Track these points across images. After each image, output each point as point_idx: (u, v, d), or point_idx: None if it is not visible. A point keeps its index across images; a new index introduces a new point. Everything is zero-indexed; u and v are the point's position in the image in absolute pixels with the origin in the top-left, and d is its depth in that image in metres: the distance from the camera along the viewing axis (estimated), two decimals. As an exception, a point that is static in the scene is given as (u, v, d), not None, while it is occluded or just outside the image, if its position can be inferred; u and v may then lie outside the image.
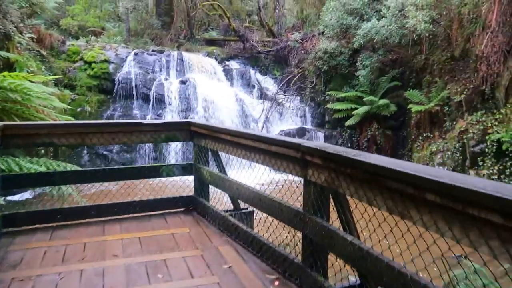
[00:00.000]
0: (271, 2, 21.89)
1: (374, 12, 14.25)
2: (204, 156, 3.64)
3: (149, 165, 3.85)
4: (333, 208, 2.09)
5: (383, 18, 12.94)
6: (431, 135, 12.05)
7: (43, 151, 10.29)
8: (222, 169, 3.46)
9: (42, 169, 5.05)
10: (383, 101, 13.36)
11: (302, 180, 2.32)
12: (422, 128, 12.63)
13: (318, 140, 14.53)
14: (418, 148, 12.40)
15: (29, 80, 6.10)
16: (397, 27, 12.42)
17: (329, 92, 14.76)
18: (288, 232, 2.63)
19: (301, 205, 2.33)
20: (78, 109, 13.28)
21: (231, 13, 19.58)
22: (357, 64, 13.82)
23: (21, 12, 12.43)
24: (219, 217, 3.26)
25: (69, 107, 8.63)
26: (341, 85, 14.98)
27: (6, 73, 5.70)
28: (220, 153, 3.48)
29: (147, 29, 19.03)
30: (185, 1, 18.98)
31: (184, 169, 3.87)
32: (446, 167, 10.86)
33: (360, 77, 13.80)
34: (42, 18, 15.24)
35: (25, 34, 9.19)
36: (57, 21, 19.96)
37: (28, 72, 9.18)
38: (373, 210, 1.73)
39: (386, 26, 12.57)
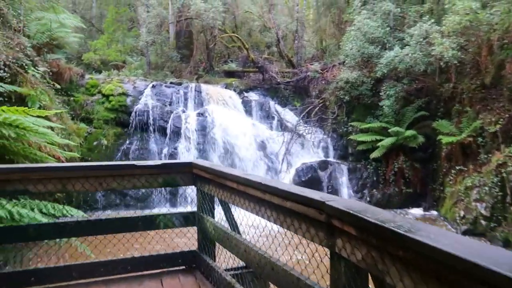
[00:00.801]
0: (290, 33, 21.78)
1: (397, 41, 13.77)
2: (209, 204, 3.06)
3: (143, 214, 3.23)
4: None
5: (407, 46, 12.43)
6: (465, 168, 11.15)
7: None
8: (231, 221, 2.83)
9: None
10: (410, 132, 12.61)
11: (329, 252, 1.68)
12: (453, 160, 11.76)
13: (341, 174, 13.79)
14: (450, 182, 11.49)
15: (30, 115, 5.77)
16: (422, 55, 11.85)
17: (352, 123, 14.14)
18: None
19: (328, 287, 1.69)
20: (95, 143, 13.07)
21: (250, 45, 19.50)
22: (380, 93, 13.22)
23: (40, 47, 12.53)
24: (225, 283, 2.63)
25: (71, 143, 8.20)
26: (364, 115, 14.35)
27: (5, 107, 5.39)
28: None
29: (167, 62, 19.09)
30: (204, 34, 19.03)
31: (186, 219, 3.28)
32: (484, 204, 9.91)
33: (384, 107, 13.16)
34: (62, 52, 15.42)
35: (39, 67, 9.06)
36: (80, 56, 20.33)
37: (40, 106, 9.00)
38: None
39: (410, 54, 12.03)
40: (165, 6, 18.76)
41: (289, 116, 16.63)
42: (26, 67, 8.77)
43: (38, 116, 5.97)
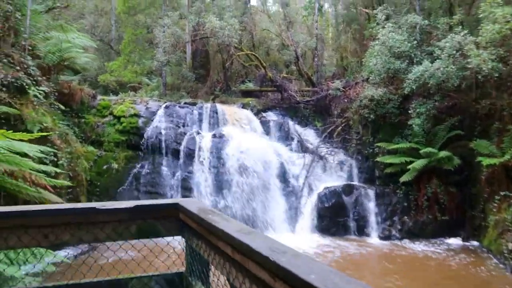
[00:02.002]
0: (309, 51, 21.05)
1: (425, 55, 12.78)
2: (200, 266, 2.15)
3: (110, 278, 2.32)
4: None
5: (437, 60, 11.42)
6: (511, 194, 9.87)
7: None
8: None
9: None
10: (444, 153, 11.46)
11: None
12: (496, 184, 10.51)
13: (368, 199, 12.64)
14: (494, 209, 10.21)
15: (10, 138, 5.06)
16: (456, 69, 10.81)
17: (378, 144, 13.06)
18: None
19: None
20: (104, 167, 12.42)
21: (268, 64, 18.80)
22: (409, 111, 12.15)
23: (51, 67, 12.11)
24: None
25: (55, 169, 7.43)
26: (391, 135, 13.26)
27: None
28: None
29: (183, 82, 18.58)
30: (220, 53, 18.47)
31: (170, 284, 2.37)
32: (537, 236, 8.61)
33: (414, 126, 12.07)
34: (71, 73, 15.05)
35: (41, 87, 8.49)
36: (95, 77, 20.10)
37: (41, 128, 8.37)
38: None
39: (442, 68, 11.01)
40: (182, 26, 18.40)
41: (310, 136, 15.67)
42: (27, 87, 8.19)
43: (21, 140, 5.29)
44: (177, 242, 2.34)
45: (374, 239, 12.15)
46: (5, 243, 2.01)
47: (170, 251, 2.53)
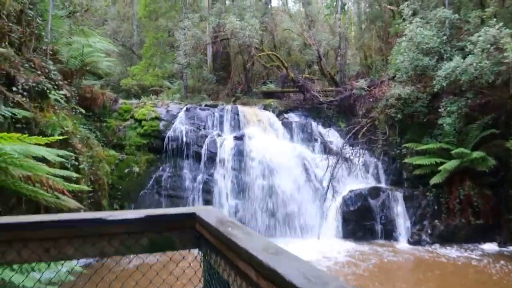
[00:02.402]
0: (332, 51, 20.60)
1: (455, 50, 12.17)
2: (219, 285, 1.86)
3: None
4: None
5: (470, 55, 10.83)
6: (553, 197, 9.20)
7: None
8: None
9: None
10: (477, 154, 10.85)
11: None
12: (536, 186, 9.81)
13: (395, 202, 12.12)
14: (534, 213, 9.53)
15: (27, 142, 4.93)
16: (491, 64, 10.19)
17: (406, 145, 12.52)
18: None
19: None
20: (126, 170, 12.36)
21: (290, 64, 18.48)
22: (439, 110, 11.57)
23: (73, 72, 12.16)
24: None
25: (74, 174, 7.30)
26: (420, 135, 12.69)
27: (-7, 134, 4.60)
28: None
29: (204, 85, 18.49)
30: (241, 55, 18.27)
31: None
32: None
33: (444, 125, 11.49)
34: (94, 78, 15.13)
35: (60, 91, 8.45)
36: (118, 82, 20.26)
37: (61, 133, 8.32)
38: None
39: (475, 64, 10.42)
40: (202, 29, 18.31)
41: (333, 138, 15.25)
42: (48, 91, 8.15)
43: (38, 144, 5.17)
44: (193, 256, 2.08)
45: (403, 244, 11.61)
46: (2, 258, 1.79)
47: (186, 265, 2.25)
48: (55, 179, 5.35)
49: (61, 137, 5.49)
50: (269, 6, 21.18)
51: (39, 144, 5.22)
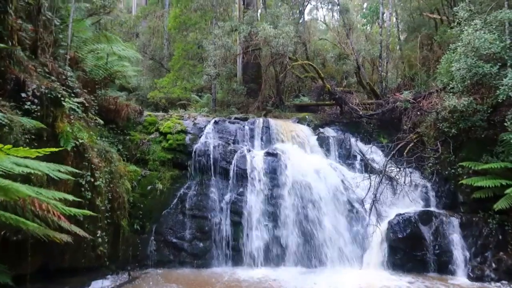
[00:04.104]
0: (369, 63, 19.31)
1: (521, 56, 10.64)
2: None
3: None
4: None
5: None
6: None
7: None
8: None
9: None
10: (554, 176, 9.18)
11: None
12: None
13: (451, 229, 10.52)
14: None
15: (12, 155, 3.95)
16: None
17: (463, 163, 10.94)
18: None
19: None
20: (148, 187, 11.40)
21: (325, 76, 17.29)
22: (505, 124, 9.99)
23: (97, 82, 11.45)
24: None
25: (69, 197, 6.23)
26: (478, 153, 11.11)
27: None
28: None
29: (233, 98, 17.56)
30: (273, 66, 17.24)
31: None
32: None
33: (511, 141, 9.89)
34: (115, 87, 14.46)
35: (75, 99, 7.60)
36: (145, 95, 19.69)
37: (76, 145, 7.42)
38: None
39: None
40: (233, 40, 17.50)
41: (375, 155, 13.78)
42: (62, 98, 7.30)
43: (25, 157, 4.20)
44: None
45: (461, 279, 9.97)
46: None
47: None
48: (54, 202, 4.35)
49: (55, 149, 4.49)
50: (303, 17, 20.22)
51: (27, 157, 4.22)
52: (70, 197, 5.08)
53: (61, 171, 4.97)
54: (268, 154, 12.04)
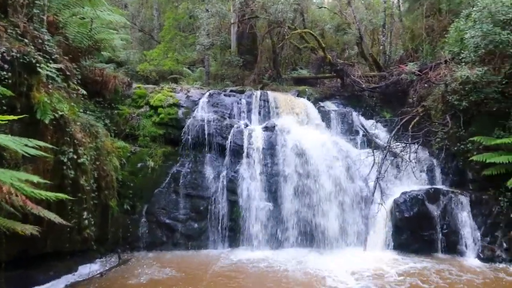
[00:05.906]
0: (370, 32, 18.38)
1: (539, 24, 9.85)
2: None
3: None
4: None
5: None
6: None
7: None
8: None
9: None
10: None
11: None
12: None
13: (460, 208, 9.98)
14: None
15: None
16: None
17: (473, 138, 10.29)
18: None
19: None
20: (139, 165, 10.64)
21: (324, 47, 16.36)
22: (522, 96, 9.32)
23: (80, 51, 10.45)
24: None
25: (34, 178, 5.45)
26: (489, 128, 10.43)
27: None
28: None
29: (227, 70, 16.60)
30: (270, 36, 16.23)
31: None
32: None
33: (527, 115, 9.25)
34: (103, 59, 13.40)
35: (52, 64, 6.71)
36: (135, 69, 18.58)
37: (54, 117, 6.58)
38: None
39: None
40: (227, 8, 16.39)
41: (378, 130, 13.14)
42: (37, 64, 6.41)
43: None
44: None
45: (471, 259, 9.50)
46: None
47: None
48: (20, 184, 3.58)
49: (15, 117, 3.66)
50: (300, -16, 19.05)
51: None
52: (35, 178, 4.28)
53: (29, 146, 4.19)
54: (266, 129, 11.30)
